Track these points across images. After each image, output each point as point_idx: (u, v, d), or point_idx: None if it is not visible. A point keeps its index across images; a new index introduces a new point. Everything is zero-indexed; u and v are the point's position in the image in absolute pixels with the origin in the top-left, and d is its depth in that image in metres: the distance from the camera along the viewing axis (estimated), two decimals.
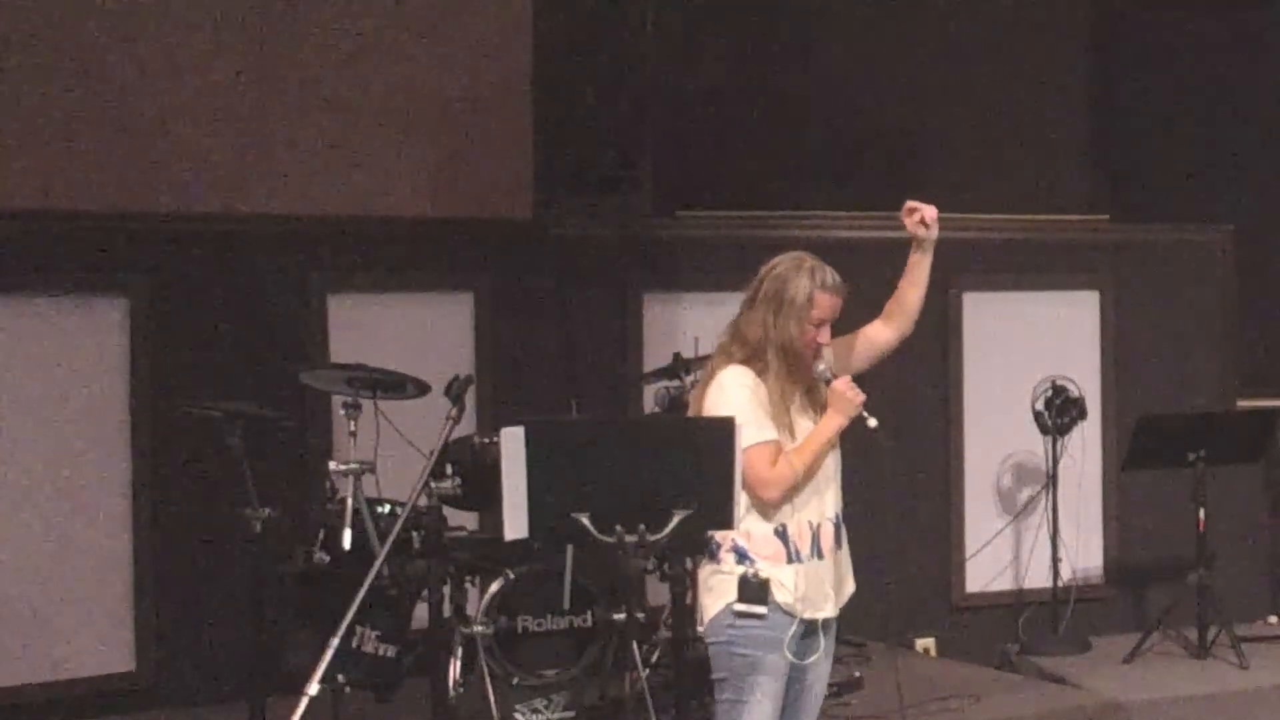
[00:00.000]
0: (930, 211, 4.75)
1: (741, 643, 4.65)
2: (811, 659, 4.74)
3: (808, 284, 4.66)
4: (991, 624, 8.06)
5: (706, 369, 4.82)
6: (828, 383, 4.69)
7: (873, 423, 4.64)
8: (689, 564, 5.76)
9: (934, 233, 4.76)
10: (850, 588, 4.88)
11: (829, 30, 8.29)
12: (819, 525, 4.71)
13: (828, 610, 4.76)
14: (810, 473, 4.68)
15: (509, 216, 7.43)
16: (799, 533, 4.68)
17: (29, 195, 6.60)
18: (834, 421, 4.68)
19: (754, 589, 4.61)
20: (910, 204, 4.77)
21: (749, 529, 4.64)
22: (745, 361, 4.69)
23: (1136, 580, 8.24)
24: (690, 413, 4.90)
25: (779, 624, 4.65)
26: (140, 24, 6.83)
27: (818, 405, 4.74)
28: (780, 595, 4.64)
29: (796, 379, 4.71)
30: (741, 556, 4.66)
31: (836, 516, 4.78)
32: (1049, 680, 7.29)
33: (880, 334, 4.90)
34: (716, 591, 4.70)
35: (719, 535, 4.67)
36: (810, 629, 4.72)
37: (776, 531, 4.66)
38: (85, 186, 6.70)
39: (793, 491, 4.65)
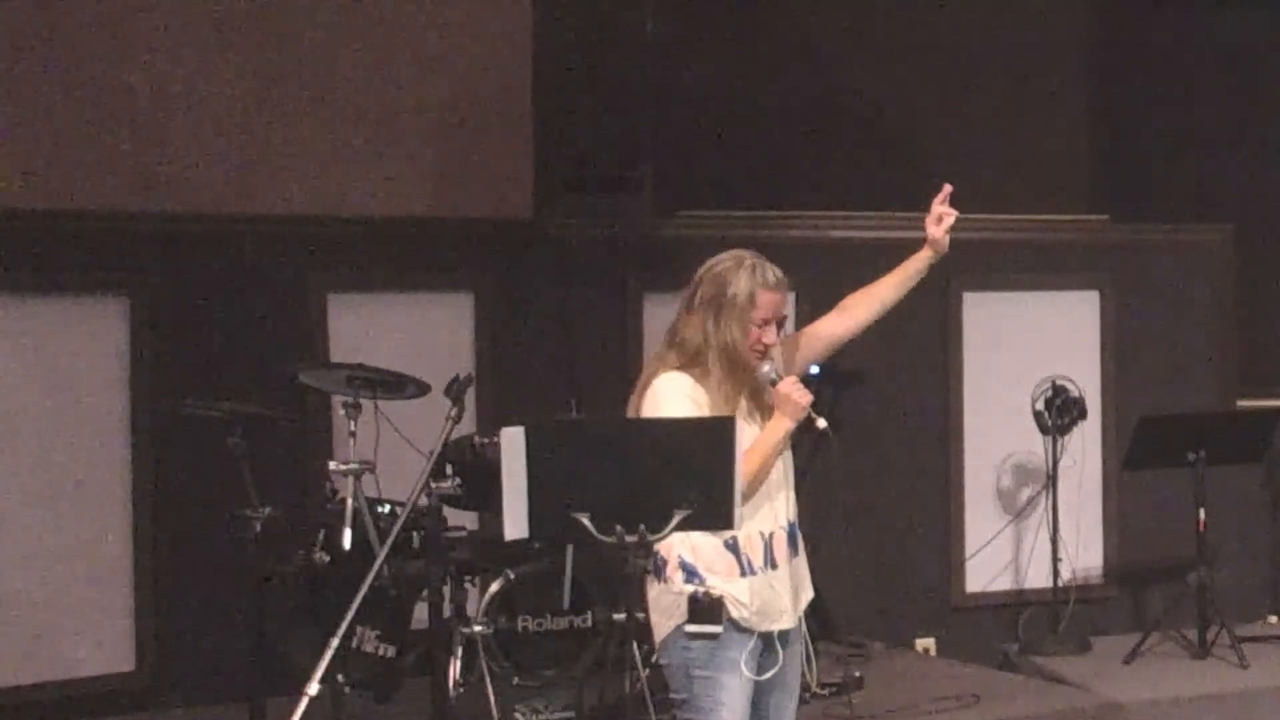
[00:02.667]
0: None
1: (697, 664, 4.42)
2: (770, 673, 4.49)
3: (749, 282, 4.42)
4: (991, 624, 8.06)
5: (642, 377, 4.56)
6: (773, 384, 4.42)
7: (822, 424, 4.38)
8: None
9: (947, 241, 4.59)
10: (808, 595, 4.62)
11: (829, 30, 8.28)
12: (771, 534, 4.47)
13: (785, 622, 4.51)
14: (758, 480, 4.40)
15: (509, 216, 7.43)
16: (750, 544, 4.43)
17: (28, 195, 6.59)
18: (781, 425, 4.41)
19: (705, 609, 4.35)
20: (942, 210, 4.58)
21: (695, 542, 4.41)
22: (682, 367, 4.46)
23: (1136, 580, 8.24)
24: None
25: (735, 642, 4.42)
26: (141, 24, 6.84)
27: (766, 409, 4.48)
28: (735, 611, 4.41)
29: (740, 383, 4.46)
30: (690, 574, 4.43)
31: (790, 524, 4.53)
32: (1049, 680, 7.28)
33: (834, 328, 4.66)
34: (667, 611, 4.46)
35: (663, 551, 4.43)
36: (769, 643, 4.49)
37: (726, 544, 4.41)
38: (85, 186, 6.70)
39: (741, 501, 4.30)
